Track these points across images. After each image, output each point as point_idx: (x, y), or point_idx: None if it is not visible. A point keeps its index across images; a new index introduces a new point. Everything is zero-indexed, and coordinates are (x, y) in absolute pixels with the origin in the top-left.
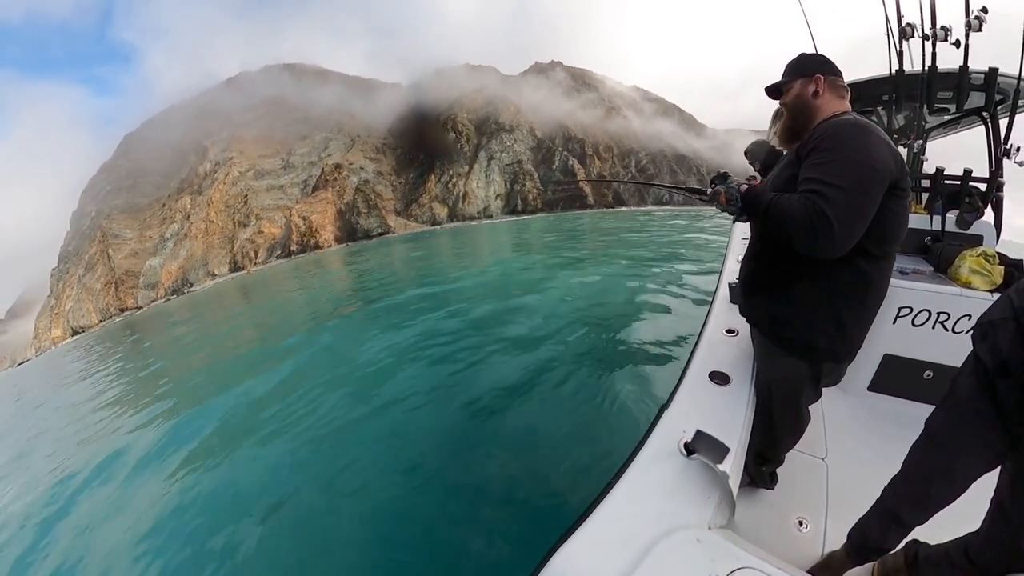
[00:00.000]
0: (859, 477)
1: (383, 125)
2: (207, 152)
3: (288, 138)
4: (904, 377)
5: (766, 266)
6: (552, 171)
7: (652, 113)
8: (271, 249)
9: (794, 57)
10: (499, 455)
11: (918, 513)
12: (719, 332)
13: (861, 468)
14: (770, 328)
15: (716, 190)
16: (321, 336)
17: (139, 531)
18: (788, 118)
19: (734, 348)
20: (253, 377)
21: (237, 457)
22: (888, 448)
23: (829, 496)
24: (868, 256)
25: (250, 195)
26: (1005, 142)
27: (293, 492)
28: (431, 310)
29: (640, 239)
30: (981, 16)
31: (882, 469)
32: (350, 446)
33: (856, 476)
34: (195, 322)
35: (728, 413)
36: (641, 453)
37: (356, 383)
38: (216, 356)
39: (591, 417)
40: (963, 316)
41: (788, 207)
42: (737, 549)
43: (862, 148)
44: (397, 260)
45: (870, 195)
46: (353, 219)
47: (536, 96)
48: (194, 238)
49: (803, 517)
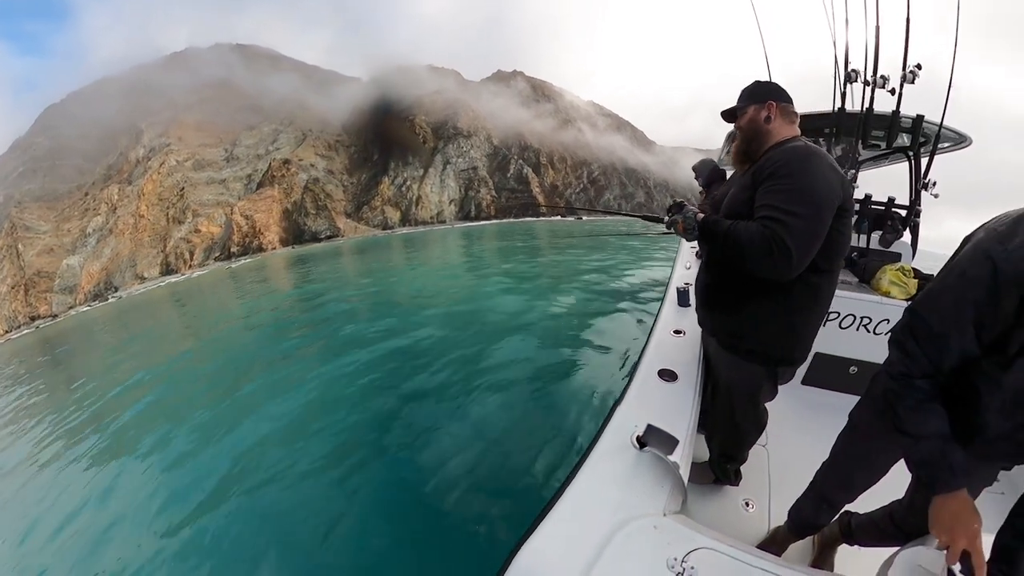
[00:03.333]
0: (796, 461)
1: (338, 121)
2: (142, 135)
3: (234, 127)
4: (833, 372)
5: (721, 281)
6: (507, 179)
7: (605, 127)
8: (209, 250)
9: (749, 84)
10: (456, 466)
11: (845, 495)
12: (667, 333)
13: (797, 453)
14: (728, 340)
15: (674, 219)
16: (282, 387)
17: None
18: (741, 141)
19: (681, 347)
20: (213, 445)
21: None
22: (820, 434)
23: (771, 479)
24: (818, 271)
25: (187, 188)
26: (924, 177)
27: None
28: (392, 335)
29: (590, 246)
30: (915, 71)
31: (815, 453)
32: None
33: (793, 460)
34: (129, 343)
35: (676, 407)
36: (596, 448)
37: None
38: (163, 400)
39: (547, 420)
40: (883, 320)
41: (746, 234)
42: (691, 532)
43: (815, 176)
44: (351, 275)
45: (823, 221)
46: (300, 220)
47: (495, 103)
48: (121, 234)
49: (749, 499)
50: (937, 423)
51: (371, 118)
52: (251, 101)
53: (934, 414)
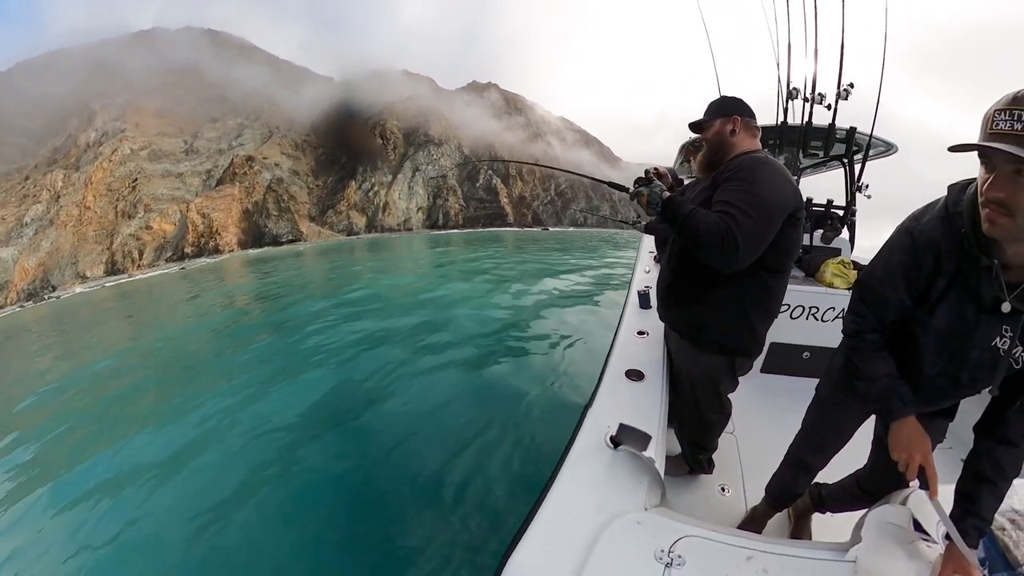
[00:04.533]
0: (763, 443)
1: (307, 120)
2: (95, 117)
3: (196, 117)
4: (788, 359)
5: (684, 279)
6: (476, 188)
7: (574, 142)
8: (160, 249)
9: (716, 99)
10: (426, 485)
11: (819, 457)
12: (631, 334)
13: (764, 436)
14: (690, 333)
15: (639, 191)
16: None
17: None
18: (707, 151)
19: (646, 347)
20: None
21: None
22: (782, 416)
23: (742, 463)
24: (771, 271)
25: (141, 180)
26: (858, 181)
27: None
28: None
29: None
30: (848, 89)
31: (779, 434)
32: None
33: (761, 443)
34: (65, 356)
35: (646, 405)
36: (571, 451)
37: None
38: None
39: (517, 426)
40: (828, 308)
41: (704, 220)
42: (674, 523)
43: (769, 183)
44: (316, 286)
45: (771, 223)
46: (261, 221)
47: (468, 113)
48: (63, 227)
49: (724, 484)
50: (886, 366)
51: (341, 120)
52: (217, 91)
53: (883, 360)
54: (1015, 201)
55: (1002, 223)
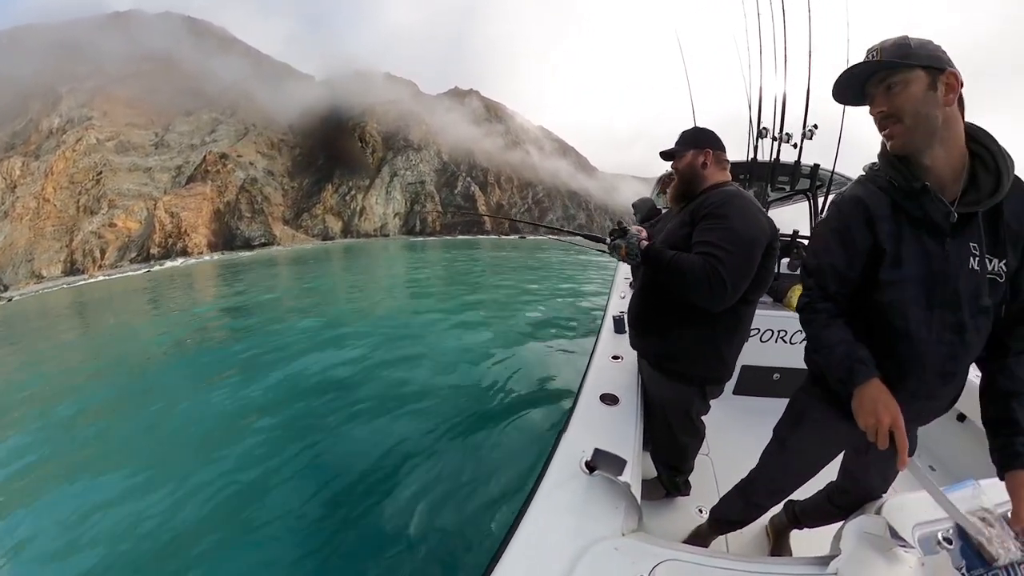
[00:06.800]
0: (738, 463)
1: (285, 119)
2: (59, 102)
3: (169, 109)
4: (758, 380)
5: (652, 309)
6: (454, 195)
7: (552, 151)
8: (124, 249)
9: (689, 129)
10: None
11: (774, 500)
12: (606, 359)
13: (738, 456)
14: (658, 363)
15: (616, 243)
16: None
17: None
18: (679, 183)
19: (620, 372)
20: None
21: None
22: (755, 437)
23: (718, 484)
24: (744, 301)
25: (106, 173)
26: (821, 213)
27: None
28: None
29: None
30: (813, 130)
31: (754, 453)
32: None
33: (735, 463)
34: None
35: (620, 429)
36: (546, 477)
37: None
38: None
39: (492, 454)
40: (796, 331)
41: (688, 264)
42: (652, 547)
43: (748, 219)
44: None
45: (753, 257)
46: (233, 223)
47: (448, 118)
48: (18, 220)
49: (701, 506)
50: (841, 332)
51: (320, 120)
52: (193, 83)
53: (838, 327)
54: (895, 107)
55: (896, 131)
